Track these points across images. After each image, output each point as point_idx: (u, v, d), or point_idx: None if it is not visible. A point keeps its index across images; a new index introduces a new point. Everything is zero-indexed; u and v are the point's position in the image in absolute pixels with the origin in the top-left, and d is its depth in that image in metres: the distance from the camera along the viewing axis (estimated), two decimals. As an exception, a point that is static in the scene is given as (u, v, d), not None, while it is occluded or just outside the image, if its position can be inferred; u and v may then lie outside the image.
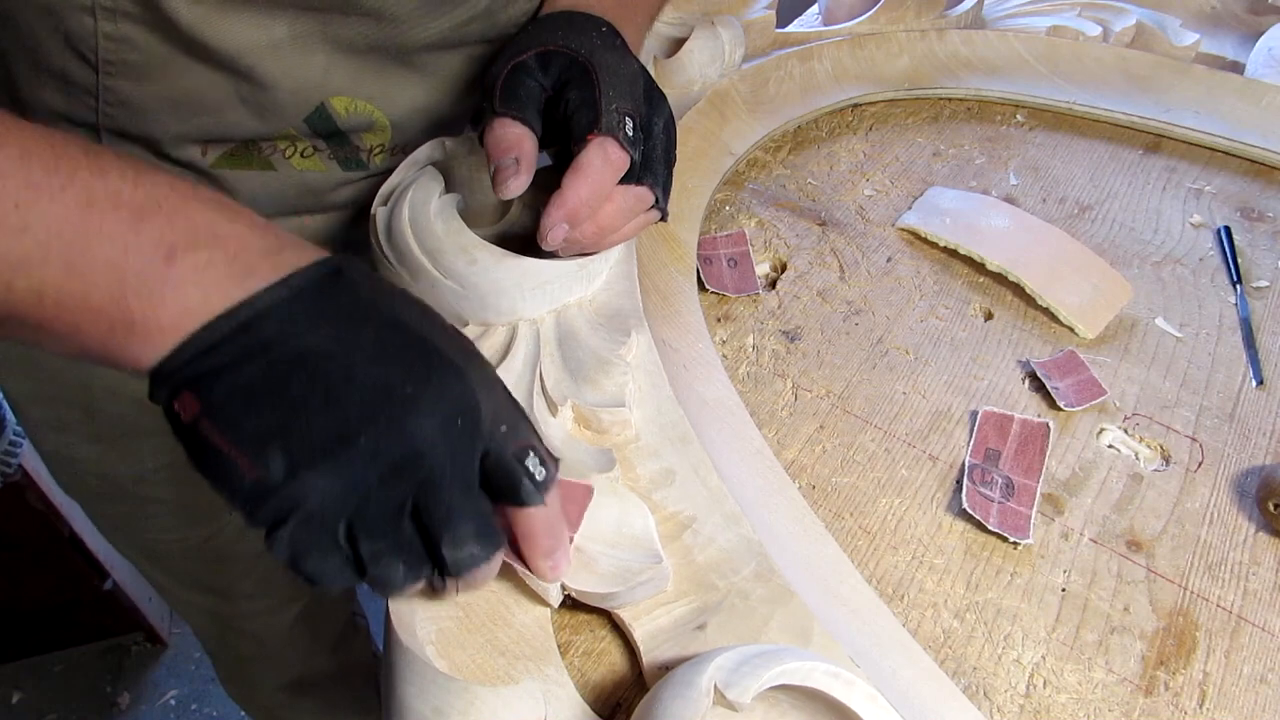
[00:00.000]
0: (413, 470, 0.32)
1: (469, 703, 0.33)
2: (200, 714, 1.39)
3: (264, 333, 0.32)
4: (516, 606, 0.39)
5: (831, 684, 0.33)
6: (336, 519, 0.32)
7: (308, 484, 0.31)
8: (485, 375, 0.36)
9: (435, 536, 0.33)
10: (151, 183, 0.33)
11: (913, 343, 0.59)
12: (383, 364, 0.33)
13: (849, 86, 0.81)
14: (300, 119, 0.53)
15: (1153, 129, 0.80)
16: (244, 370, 0.32)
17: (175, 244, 0.32)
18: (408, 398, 0.33)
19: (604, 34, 0.51)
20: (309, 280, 0.33)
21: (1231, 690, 0.42)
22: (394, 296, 0.36)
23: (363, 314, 0.34)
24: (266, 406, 0.32)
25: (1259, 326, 0.62)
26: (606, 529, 0.40)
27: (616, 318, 0.50)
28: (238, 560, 0.82)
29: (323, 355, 0.32)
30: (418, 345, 0.34)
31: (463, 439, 0.33)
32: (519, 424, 0.36)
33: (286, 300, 0.33)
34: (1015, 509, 0.48)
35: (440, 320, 0.37)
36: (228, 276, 0.32)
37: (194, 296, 0.32)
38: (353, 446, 0.32)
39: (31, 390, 0.68)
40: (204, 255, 0.32)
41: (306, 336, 0.32)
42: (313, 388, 0.32)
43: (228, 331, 0.32)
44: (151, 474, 0.72)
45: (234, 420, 0.32)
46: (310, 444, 0.31)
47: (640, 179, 0.49)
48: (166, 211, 0.32)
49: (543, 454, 0.36)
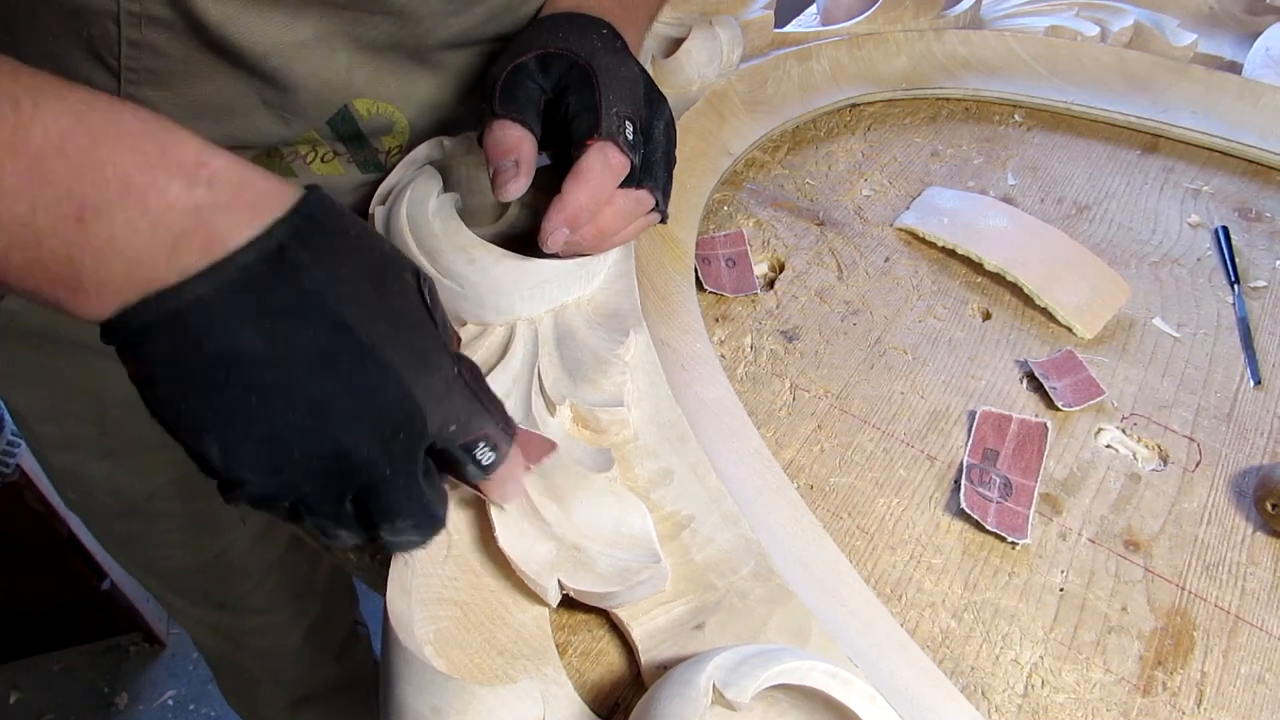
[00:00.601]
0: (349, 478, 0.33)
1: (467, 702, 0.33)
2: (198, 714, 1.39)
3: (195, 324, 0.30)
4: (515, 606, 0.39)
5: (830, 683, 0.33)
6: (277, 500, 0.33)
7: (244, 476, 0.32)
8: (436, 380, 0.34)
9: (375, 523, 0.34)
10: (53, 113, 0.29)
11: (911, 343, 0.59)
12: (320, 376, 0.31)
13: (847, 86, 0.81)
14: (323, 121, 0.53)
15: (1150, 129, 0.80)
16: (177, 362, 0.30)
17: (84, 202, 0.29)
18: (344, 412, 0.32)
19: (605, 36, 0.51)
20: (243, 269, 0.30)
21: (1229, 690, 0.42)
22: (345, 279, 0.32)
23: (303, 309, 0.31)
24: (199, 399, 0.31)
25: (1257, 326, 0.62)
26: (605, 529, 0.40)
27: (615, 317, 0.50)
28: (249, 574, 0.82)
29: (257, 360, 0.30)
30: (360, 354, 0.32)
31: (402, 448, 0.33)
32: (472, 419, 0.35)
33: (219, 293, 0.30)
34: (1013, 509, 0.48)
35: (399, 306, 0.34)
36: (152, 246, 0.29)
37: (117, 268, 0.29)
38: (284, 456, 0.31)
39: (40, 407, 0.67)
40: (119, 217, 0.29)
41: (239, 334, 0.30)
42: (245, 392, 0.31)
43: (155, 319, 0.30)
44: (164, 489, 0.72)
45: (170, 405, 0.31)
46: (243, 448, 0.31)
47: (640, 182, 0.49)
48: (74, 157, 0.29)
49: (495, 438, 0.36)
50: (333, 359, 0.31)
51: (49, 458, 0.72)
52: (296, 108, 0.51)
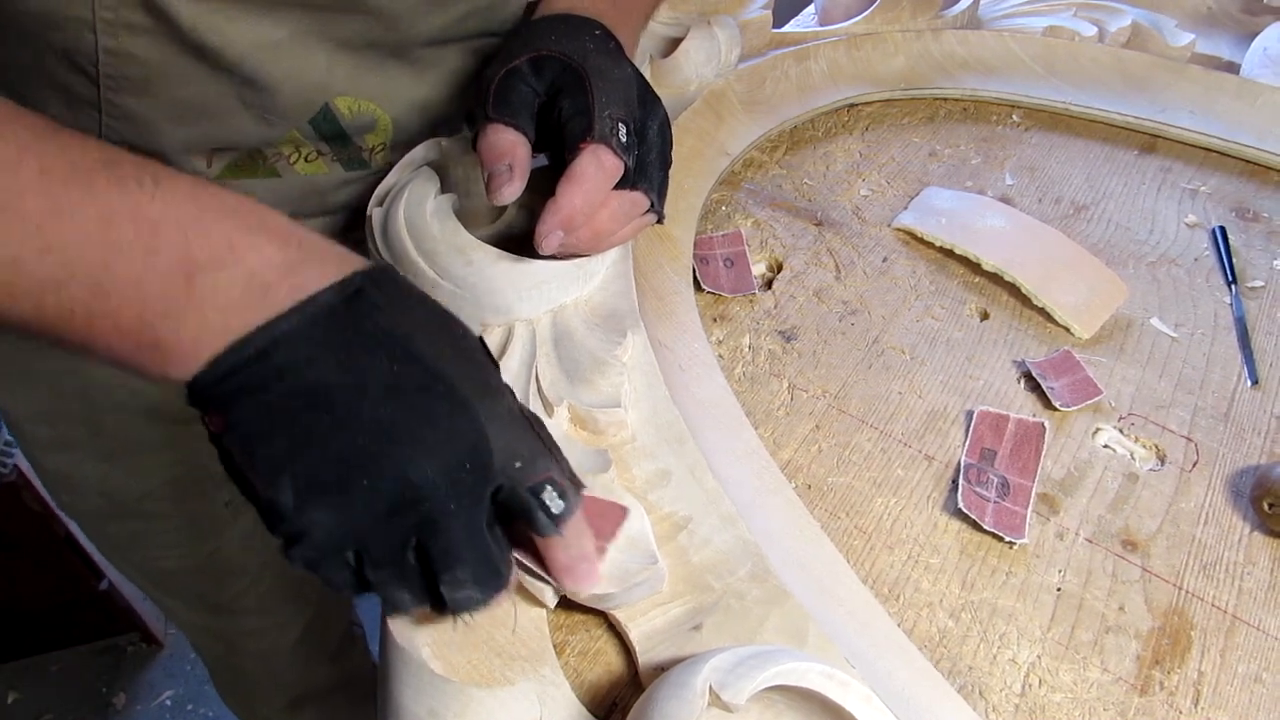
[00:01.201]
0: (412, 512, 0.32)
1: (464, 704, 0.33)
2: (196, 714, 1.39)
3: (278, 361, 0.32)
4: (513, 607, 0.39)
5: (827, 685, 0.33)
6: (342, 548, 0.32)
7: (313, 517, 0.32)
8: (501, 410, 0.35)
9: (435, 574, 0.33)
10: (169, 192, 0.33)
11: (909, 343, 0.59)
12: (391, 402, 0.33)
13: (845, 87, 0.81)
14: (304, 121, 0.53)
15: (1148, 129, 0.81)
16: (258, 398, 0.32)
17: (194, 263, 0.32)
18: (413, 439, 0.33)
19: (598, 38, 0.51)
20: (325, 306, 0.33)
21: (1226, 689, 0.42)
22: (415, 321, 0.35)
23: (377, 344, 0.34)
24: (278, 436, 0.32)
25: (1254, 326, 0.62)
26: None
27: (612, 318, 0.50)
28: (242, 575, 0.82)
29: (333, 389, 0.32)
30: (430, 382, 0.34)
31: (468, 482, 0.33)
32: (536, 457, 0.35)
33: (301, 328, 0.33)
34: (1010, 508, 0.48)
35: (462, 346, 0.36)
36: (245, 297, 0.32)
37: (214, 320, 0.32)
38: (354, 486, 0.32)
39: (33, 408, 0.67)
40: (223, 276, 0.32)
41: (319, 367, 0.33)
42: (320, 422, 0.32)
43: (244, 359, 0.32)
44: (157, 490, 0.71)
45: (250, 445, 0.33)
46: (314, 479, 0.32)
47: (635, 183, 0.49)
48: (184, 225, 0.32)
49: (562, 485, 0.35)
50: (402, 388, 0.33)
51: (41, 460, 0.72)
52: (277, 108, 0.51)
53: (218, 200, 0.34)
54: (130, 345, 0.33)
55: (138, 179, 0.32)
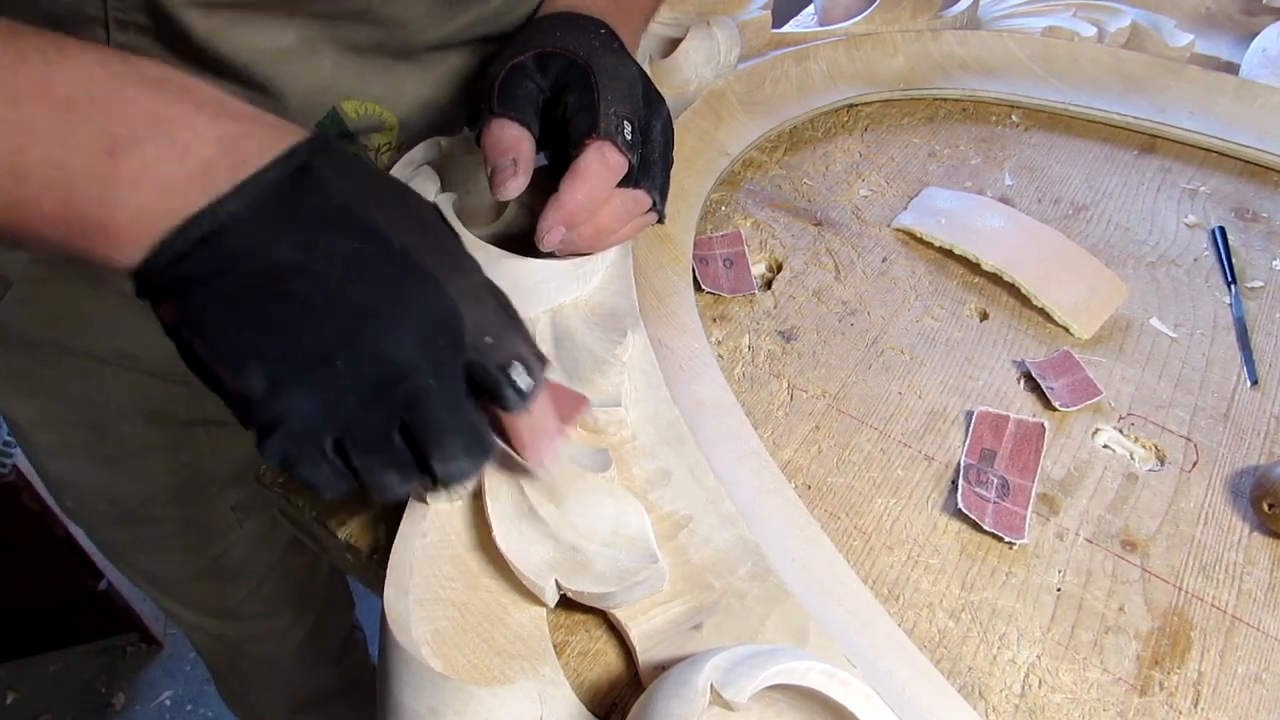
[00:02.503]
0: (394, 389, 0.32)
1: (464, 703, 0.33)
2: (195, 714, 1.39)
3: (230, 244, 0.31)
4: (512, 606, 0.39)
5: (827, 684, 0.33)
6: (322, 436, 0.32)
7: (288, 402, 0.31)
8: (469, 283, 0.34)
9: (424, 452, 0.32)
10: (78, 62, 0.30)
11: (908, 343, 0.59)
12: (358, 280, 0.32)
13: (845, 87, 0.81)
14: (312, 124, 0.53)
15: (1148, 129, 0.81)
16: (215, 284, 0.31)
17: (116, 139, 0.30)
18: (384, 316, 0.32)
19: (603, 36, 0.51)
20: (272, 183, 0.31)
21: (1226, 690, 0.42)
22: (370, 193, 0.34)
23: (335, 221, 0.32)
24: (242, 323, 0.31)
25: (1253, 326, 0.62)
26: (602, 529, 0.40)
27: (612, 318, 0.50)
28: (247, 579, 0.82)
29: (295, 270, 0.31)
30: (394, 257, 0.32)
31: (444, 355, 0.33)
32: (505, 333, 0.35)
33: (250, 209, 0.31)
34: (1010, 509, 0.48)
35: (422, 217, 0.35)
36: (182, 176, 0.30)
37: (150, 199, 0.30)
38: (331, 369, 0.31)
39: (36, 414, 0.67)
40: (149, 149, 0.30)
41: (275, 248, 0.31)
42: (287, 306, 0.31)
43: (192, 242, 0.30)
44: (160, 494, 0.71)
45: (211, 334, 0.31)
46: (287, 364, 0.31)
47: (638, 182, 0.49)
48: (99, 98, 0.30)
49: (530, 362, 0.35)
50: (368, 264, 0.32)
51: (45, 465, 0.71)
52: (284, 112, 0.51)
53: (135, 69, 0.31)
54: (62, 233, 0.31)
55: (40, 50, 0.30)
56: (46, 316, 0.60)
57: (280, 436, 0.31)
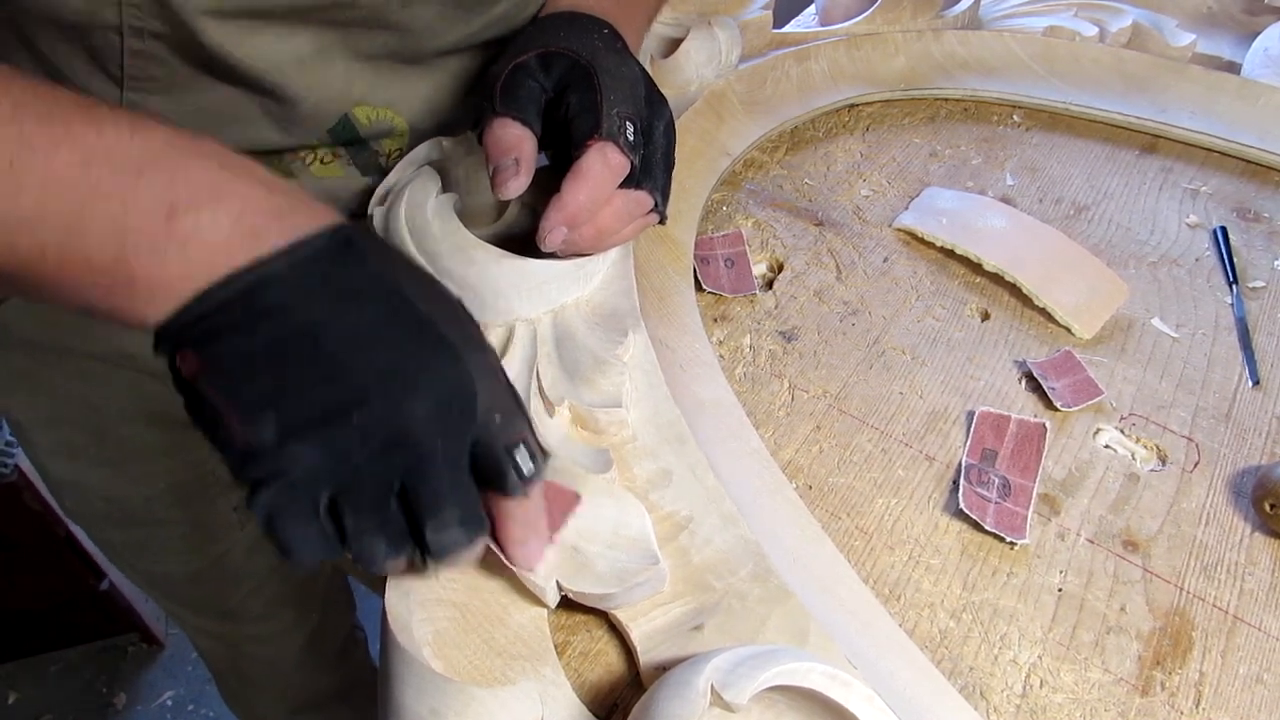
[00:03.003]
0: (402, 451, 0.32)
1: (465, 703, 0.33)
2: (197, 715, 1.39)
3: (269, 300, 0.32)
4: (513, 607, 0.39)
5: (828, 685, 0.33)
6: (320, 490, 0.32)
7: (294, 453, 0.31)
8: (484, 362, 0.35)
9: (420, 519, 0.32)
10: (149, 137, 0.32)
11: (909, 343, 0.59)
12: (383, 342, 0.33)
13: (846, 87, 0.81)
14: (324, 130, 0.53)
15: (1149, 129, 0.81)
16: (246, 336, 0.31)
17: (176, 201, 0.31)
18: (405, 378, 0.32)
19: (605, 36, 0.51)
20: (317, 248, 0.33)
21: (1227, 690, 0.42)
22: (403, 271, 0.35)
23: (369, 288, 0.33)
24: (265, 373, 0.31)
25: (1255, 326, 0.62)
26: (603, 530, 0.40)
27: (613, 318, 0.50)
28: (248, 580, 0.82)
29: (324, 327, 0.32)
30: (420, 325, 0.34)
31: (455, 424, 0.33)
32: (514, 416, 0.35)
33: (293, 268, 0.32)
34: (1012, 509, 0.48)
35: (448, 300, 0.36)
36: (233, 237, 0.32)
37: (198, 256, 0.31)
38: (344, 422, 0.31)
39: (39, 415, 0.67)
40: (207, 214, 0.31)
41: (311, 307, 0.32)
42: (312, 360, 0.32)
43: (232, 295, 0.31)
44: (161, 495, 0.71)
45: (232, 383, 0.32)
46: (303, 415, 0.31)
47: (640, 183, 0.49)
48: (166, 167, 0.32)
49: (534, 449, 0.35)
50: (394, 329, 0.33)
51: (47, 466, 0.72)
52: (297, 118, 0.51)
53: (199, 145, 0.33)
54: (105, 284, 0.31)
55: (114, 121, 0.31)
56: (48, 318, 0.60)
57: (275, 489, 0.31)
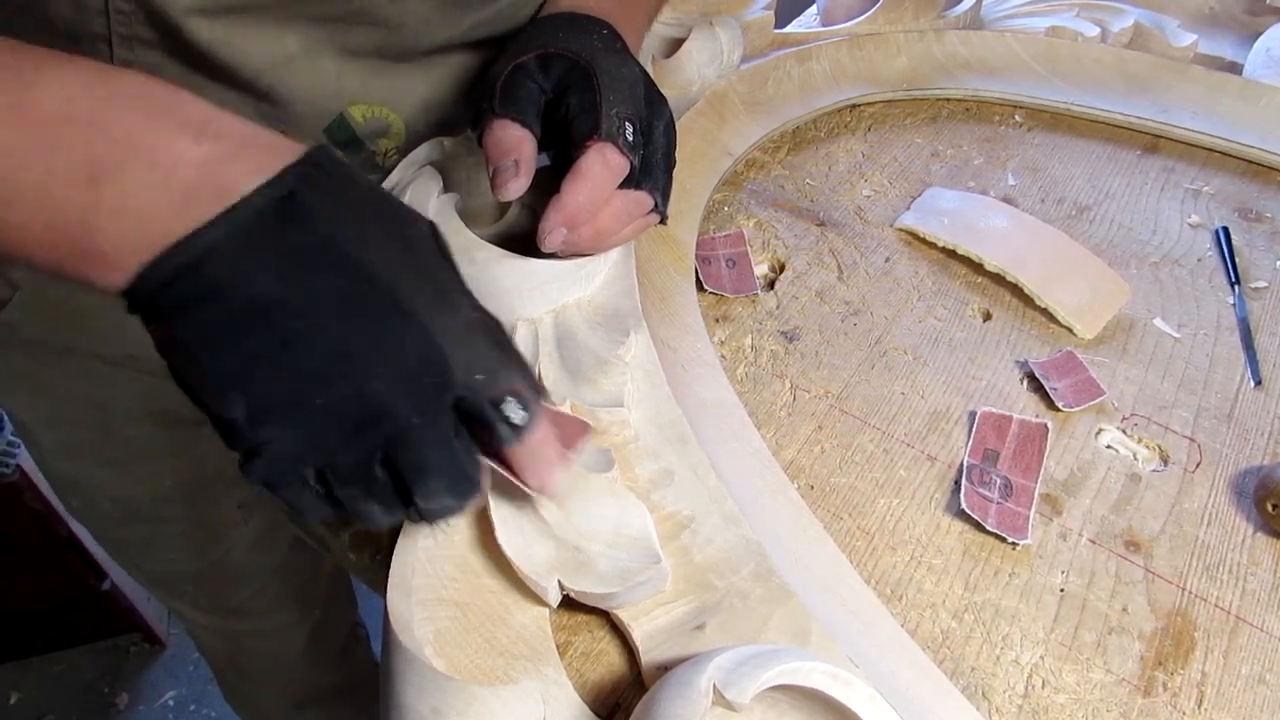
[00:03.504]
0: (377, 427, 0.32)
1: (467, 703, 0.33)
2: (199, 715, 1.39)
3: (212, 274, 0.30)
4: (515, 606, 0.39)
5: (830, 684, 0.33)
6: (303, 466, 0.31)
7: (269, 433, 0.31)
8: (458, 321, 0.34)
9: (408, 487, 0.32)
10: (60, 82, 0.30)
11: (911, 343, 0.59)
12: (340, 320, 0.31)
13: (847, 87, 0.81)
14: (320, 130, 0.53)
15: (1151, 130, 0.80)
16: (197, 315, 0.30)
17: (98, 163, 0.29)
18: (367, 358, 0.31)
19: (605, 37, 0.51)
20: (256, 212, 0.30)
21: (1230, 691, 0.42)
22: (359, 224, 0.33)
23: (319, 254, 0.31)
24: (223, 354, 0.31)
25: (1257, 327, 0.62)
26: (605, 529, 0.40)
27: (615, 318, 0.50)
28: (252, 578, 0.82)
29: (276, 305, 0.30)
30: (379, 295, 0.32)
31: (429, 394, 0.32)
32: (498, 369, 0.34)
33: (232, 239, 0.30)
34: (1013, 509, 0.48)
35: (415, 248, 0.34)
36: (163, 201, 0.30)
37: (132, 227, 0.30)
38: (310, 406, 0.31)
39: (43, 414, 0.67)
40: (129, 175, 0.29)
41: (257, 281, 0.30)
42: (267, 341, 0.31)
43: (174, 271, 0.30)
44: (165, 493, 0.72)
45: (194, 362, 0.31)
46: (268, 399, 0.31)
47: (639, 183, 0.49)
48: (83, 122, 0.29)
49: (526, 396, 0.34)
50: (353, 303, 0.31)
51: (51, 465, 0.72)
52: (292, 119, 0.51)
53: (118, 86, 0.31)
54: (52, 256, 0.31)
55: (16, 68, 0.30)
56: (52, 318, 0.60)
57: (261, 463, 0.31)
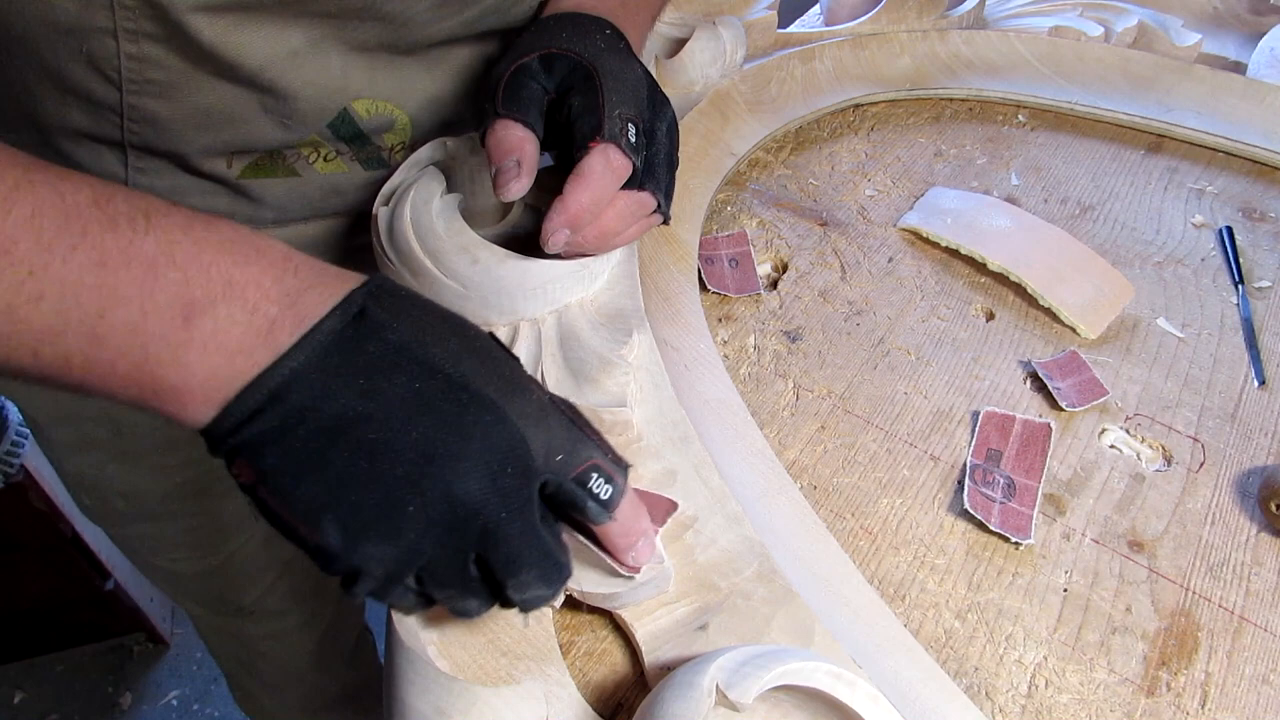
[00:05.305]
0: (467, 527, 0.32)
1: (470, 703, 0.33)
2: (202, 714, 1.39)
3: (296, 400, 0.31)
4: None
5: (833, 684, 0.33)
6: (402, 576, 0.32)
7: (367, 552, 0.31)
8: (531, 405, 0.34)
9: (500, 582, 0.33)
10: (163, 228, 0.32)
11: (914, 343, 0.59)
12: (420, 421, 0.32)
13: (850, 87, 0.81)
14: (323, 125, 0.53)
15: (1154, 129, 0.80)
16: (283, 442, 0.31)
17: (192, 302, 0.31)
18: (450, 456, 0.32)
19: (608, 37, 0.51)
20: (332, 334, 0.32)
21: (1233, 691, 0.42)
22: (425, 331, 0.34)
23: (393, 363, 0.33)
24: (313, 478, 0.31)
25: (1261, 327, 0.62)
26: (608, 529, 0.40)
27: (618, 318, 0.50)
28: (262, 575, 0.82)
29: (359, 418, 0.31)
30: (453, 392, 0.33)
31: (514, 484, 0.33)
32: (576, 446, 0.35)
33: (312, 362, 0.32)
34: (1017, 509, 0.48)
35: (478, 345, 0.35)
36: (249, 334, 0.32)
37: (218, 363, 0.31)
38: (403, 514, 0.31)
39: (55, 411, 0.67)
40: (222, 312, 0.31)
41: (339, 398, 0.32)
42: (355, 456, 0.31)
43: (261, 401, 0.31)
44: (176, 490, 0.72)
45: (285, 491, 0.32)
46: (361, 515, 0.31)
47: (642, 184, 0.49)
48: (180, 262, 0.31)
49: (608, 470, 0.35)
50: (429, 401, 0.32)
51: (63, 462, 0.72)
52: (296, 114, 0.51)
53: (213, 233, 0.33)
54: (133, 392, 0.32)
55: (129, 216, 0.31)
56: None
57: (365, 583, 0.32)
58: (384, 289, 0.34)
